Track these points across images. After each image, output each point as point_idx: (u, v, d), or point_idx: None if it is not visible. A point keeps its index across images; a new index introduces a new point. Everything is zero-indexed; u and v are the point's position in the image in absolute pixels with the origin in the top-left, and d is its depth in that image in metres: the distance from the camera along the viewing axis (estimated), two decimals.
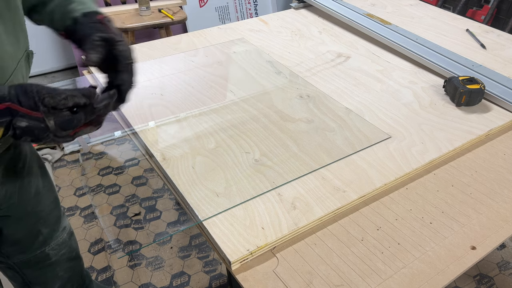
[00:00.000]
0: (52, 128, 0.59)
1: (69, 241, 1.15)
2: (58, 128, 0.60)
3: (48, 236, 1.07)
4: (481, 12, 2.70)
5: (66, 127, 0.61)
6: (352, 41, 1.42)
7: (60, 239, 1.11)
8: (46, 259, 1.09)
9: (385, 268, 0.71)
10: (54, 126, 0.60)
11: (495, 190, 0.87)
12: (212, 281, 1.64)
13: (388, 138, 0.98)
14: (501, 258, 1.73)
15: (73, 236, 1.18)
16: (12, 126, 0.57)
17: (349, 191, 0.84)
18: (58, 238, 1.10)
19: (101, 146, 1.70)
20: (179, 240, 1.79)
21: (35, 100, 0.58)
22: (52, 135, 0.60)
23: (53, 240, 1.09)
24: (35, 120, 0.58)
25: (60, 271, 1.15)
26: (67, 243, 1.14)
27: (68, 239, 1.14)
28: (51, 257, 1.10)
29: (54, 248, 1.09)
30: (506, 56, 1.34)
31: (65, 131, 0.61)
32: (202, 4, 2.99)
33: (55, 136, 0.61)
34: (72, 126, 0.61)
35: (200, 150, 0.93)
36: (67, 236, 1.14)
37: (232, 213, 0.78)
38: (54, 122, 0.59)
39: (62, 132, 0.61)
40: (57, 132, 0.60)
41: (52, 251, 1.09)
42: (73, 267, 1.20)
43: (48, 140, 0.61)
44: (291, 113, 1.05)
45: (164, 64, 1.25)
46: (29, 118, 0.58)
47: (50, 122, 0.59)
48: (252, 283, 0.68)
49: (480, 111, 1.08)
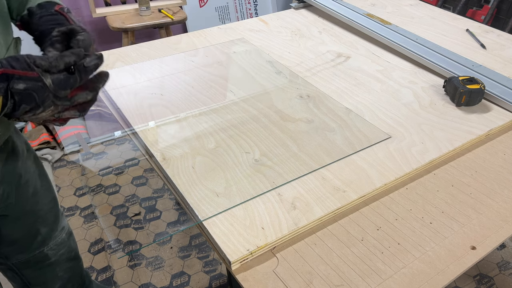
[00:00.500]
0: (51, 87, 0.59)
1: (68, 241, 1.15)
2: (56, 87, 0.60)
3: (47, 236, 1.07)
4: (481, 12, 2.71)
5: (64, 86, 0.60)
6: (352, 41, 1.42)
7: (59, 239, 1.11)
8: (45, 259, 1.09)
9: (385, 268, 0.71)
10: (52, 84, 0.59)
11: (495, 190, 0.87)
12: (212, 281, 1.64)
13: (388, 138, 0.98)
14: (501, 258, 1.73)
15: (72, 236, 1.18)
16: (10, 93, 0.57)
17: (349, 191, 0.84)
18: (57, 238, 1.10)
19: (101, 146, 1.70)
20: (179, 240, 1.79)
21: (27, 63, 0.58)
22: (52, 95, 0.60)
23: (52, 240, 1.08)
24: (32, 80, 0.58)
25: (59, 271, 1.15)
26: (66, 243, 1.14)
27: (67, 239, 1.14)
28: (50, 257, 1.10)
29: (53, 248, 1.09)
30: (506, 56, 1.34)
31: (64, 91, 0.60)
32: (202, 4, 2.99)
33: (55, 97, 0.60)
34: (70, 85, 0.61)
35: (200, 150, 0.93)
36: (66, 236, 1.13)
37: (232, 213, 0.78)
38: (51, 80, 0.59)
39: (61, 92, 0.60)
40: (57, 91, 0.60)
41: (51, 251, 1.09)
42: (72, 267, 1.19)
43: (48, 102, 0.60)
44: (291, 113, 1.05)
45: (164, 64, 1.25)
46: (26, 79, 0.57)
47: (47, 81, 0.59)
48: (252, 283, 0.68)
49: (480, 111, 1.08)
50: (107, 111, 1.09)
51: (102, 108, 1.11)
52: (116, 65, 1.25)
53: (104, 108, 1.10)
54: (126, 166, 2.12)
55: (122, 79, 1.17)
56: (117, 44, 2.71)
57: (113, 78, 1.18)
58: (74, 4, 2.66)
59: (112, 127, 1.06)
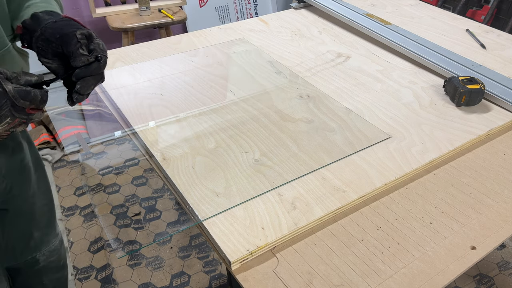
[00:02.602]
0: (11, 93, 0.61)
1: (60, 249, 1.14)
2: (17, 94, 0.61)
3: (39, 241, 1.06)
4: (481, 12, 2.71)
5: (25, 96, 0.62)
6: (352, 41, 1.42)
7: (53, 245, 1.10)
8: (34, 265, 1.07)
9: (385, 268, 0.71)
10: (13, 90, 0.61)
11: (495, 190, 0.87)
12: (212, 281, 1.64)
13: (388, 138, 0.98)
14: (501, 258, 1.73)
15: (63, 244, 1.17)
16: None
17: (349, 191, 0.84)
18: (50, 244, 1.09)
19: (101, 146, 1.70)
20: (179, 240, 1.79)
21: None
22: (11, 104, 0.61)
23: (45, 246, 1.08)
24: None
25: (45, 280, 1.13)
26: (58, 251, 1.13)
27: (59, 247, 1.13)
28: (40, 263, 1.08)
29: (44, 254, 1.08)
30: (506, 56, 1.34)
31: (23, 100, 0.62)
32: (202, 4, 2.99)
33: (13, 105, 0.62)
34: (30, 97, 0.63)
35: (200, 150, 0.93)
36: (58, 244, 1.13)
37: (232, 213, 0.78)
38: (12, 87, 0.61)
39: (20, 101, 0.62)
40: (16, 99, 0.62)
41: (42, 257, 1.08)
42: (59, 278, 1.18)
43: (6, 110, 0.61)
44: (291, 113, 1.05)
45: (164, 64, 1.25)
46: None
47: (7, 87, 0.61)
48: (252, 283, 0.68)
49: (480, 111, 1.08)
50: (107, 111, 1.09)
51: (102, 108, 1.11)
52: (116, 65, 1.25)
53: (104, 108, 1.10)
54: (126, 166, 2.12)
55: (122, 79, 1.17)
56: (117, 44, 2.71)
57: (113, 78, 1.18)
58: (74, 4, 2.66)
59: (112, 127, 1.06)
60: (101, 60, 0.70)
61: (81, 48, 0.69)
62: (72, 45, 0.69)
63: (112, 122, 1.06)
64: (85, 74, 0.68)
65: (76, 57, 0.68)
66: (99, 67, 0.70)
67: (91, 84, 0.70)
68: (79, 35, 0.70)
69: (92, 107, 1.67)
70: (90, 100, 1.25)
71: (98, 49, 0.72)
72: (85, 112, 1.87)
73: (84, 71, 0.68)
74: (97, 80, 0.72)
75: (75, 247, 1.76)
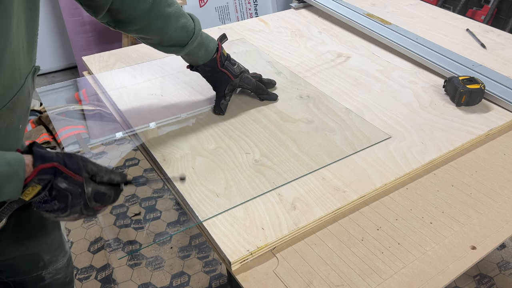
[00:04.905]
0: (88, 195, 0.62)
1: (67, 267, 1.11)
2: (92, 197, 0.63)
3: (48, 262, 1.04)
4: (481, 12, 2.71)
5: (99, 200, 0.64)
6: (352, 41, 1.42)
7: (60, 264, 1.07)
8: (39, 282, 1.05)
9: (385, 268, 0.71)
10: (90, 193, 0.62)
11: (495, 190, 0.87)
12: (212, 281, 1.64)
13: (388, 138, 0.98)
14: (501, 258, 1.73)
15: (71, 261, 1.14)
16: (50, 186, 0.59)
17: (349, 191, 0.84)
18: (58, 263, 1.07)
19: (101, 146, 1.70)
20: (179, 240, 1.79)
21: (79, 165, 0.61)
22: (83, 204, 0.62)
23: (53, 265, 1.05)
24: (74, 184, 0.61)
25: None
26: (65, 269, 1.10)
27: (67, 265, 1.11)
28: (45, 280, 1.06)
29: (51, 272, 1.06)
30: (506, 56, 1.34)
31: (95, 203, 0.64)
32: (202, 4, 2.99)
33: (85, 206, 0.63)
34: (104, 200, 0.65)
35: (200, 150, 0.93)
36: (66, 262, 1.10)
37: (232, 214, 0.79)
38: (91, 190, 0.62)
39: (93, 203, 0.64)
40: (90, 201, 0.63)
41: (48, 275, 1.06)
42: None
43: (77, 208, 0.62)
44: (291, 113, 1.05)
45: (164, 64, 1.25)
46: (70, 181, 0.60)
47: (88, 189, 0.62)
48: (252, 283, 0.68)
49: (480, 111, 1.08)
50: (107, 111, 1.09)
51: (103, 109, 1.11)
52: (116, 65, 1.25)
53: (104, 109, 1.10)
54: (126, 166, 2.12)
55: (122, 80, 1.17)
56: (117, 45, 2.71)
57: (114, 79, 1.18)
58: (74, 4, 2.66)
59: (113, 128, 1.07)
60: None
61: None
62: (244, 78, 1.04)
63: (112, 123, 1.06)
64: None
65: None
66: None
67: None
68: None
69: (92, 107, 1.67)
70: (90, 100, 1.25)
71: (269, 85, 1.10)
72: (85, 112, 1.87)
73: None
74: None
75: (75, 247, 1.77)
